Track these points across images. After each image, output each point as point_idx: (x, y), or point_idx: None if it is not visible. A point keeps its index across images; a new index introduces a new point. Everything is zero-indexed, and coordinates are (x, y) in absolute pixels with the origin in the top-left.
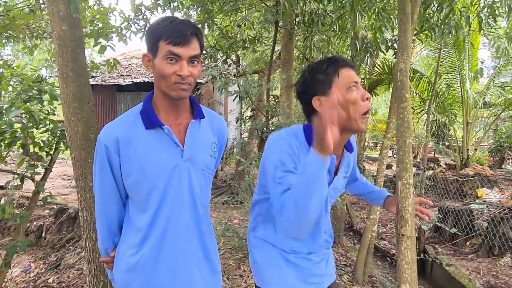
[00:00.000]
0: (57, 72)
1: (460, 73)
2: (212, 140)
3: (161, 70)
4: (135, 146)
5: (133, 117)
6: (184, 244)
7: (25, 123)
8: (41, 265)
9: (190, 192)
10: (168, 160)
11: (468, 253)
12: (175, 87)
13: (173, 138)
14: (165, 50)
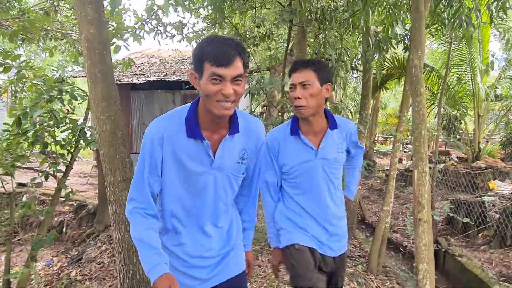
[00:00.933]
0: (85, 73)
1: (471, 66)
2: (242, 147)
3: (206, 90)
4: (175, 149)
5: (178, 120)
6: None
7: (47, 122)
8: (63, 259)
9: (214, 192)
10: (199, 167)
11: (481, 245)
12: (218, 105)
13: (209, 152)
14: (210, 71)
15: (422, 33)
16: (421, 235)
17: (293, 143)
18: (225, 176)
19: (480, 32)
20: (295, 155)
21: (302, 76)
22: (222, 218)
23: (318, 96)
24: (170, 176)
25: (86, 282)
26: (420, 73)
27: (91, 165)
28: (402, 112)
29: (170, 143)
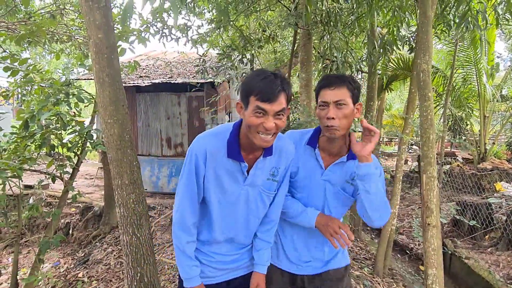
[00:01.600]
0: (93, 77)
1: (476, 66)
2: (274, 165)
3: (249, 121)
4: (215, 166)
5: (221, 141)
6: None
7: (53, 125)
8: (70, 260)
9: (246, 206)
10: (234, 184)
11: (487, 247)
12: (259, 137)
13: (244, 172)
14: (254, 105)
15: (430, 38)
16: (430, 240)
17: (305, 152)
18: (257, 192)
19: (486, 33)
20: (304, 163)
21: (338, 94)
22: (250, 234)
23: (351, 117)
24: (208, 189)
25: (93, 283)
26: (428, 78)
27: (96, 167)
28: (408, 114)
29: (212, 160)
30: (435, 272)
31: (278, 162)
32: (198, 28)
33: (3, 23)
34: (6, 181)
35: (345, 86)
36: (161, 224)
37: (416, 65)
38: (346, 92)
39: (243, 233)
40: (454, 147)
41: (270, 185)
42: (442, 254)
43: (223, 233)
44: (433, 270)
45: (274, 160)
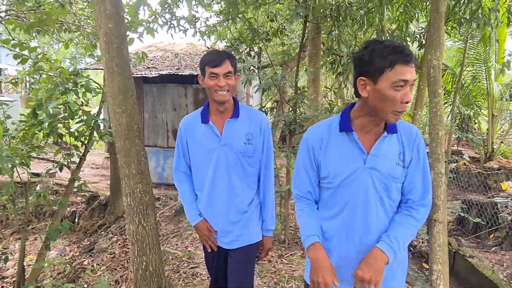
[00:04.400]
0: (103, 66)
1: (486, 65)
2: (247, 131)
3: (207, 84)
4: (195, 133)
5: (197, 114)
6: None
7: (62, 114)
8: (75, 248)
9: (226, 166)
10: (211, 144)
11: (492, 246)
12: (216, 94)
13: (215, 130)
14: (208, 72)
15: (442, 34)
16: (436, 236)
17: (343, 141)
18: (234, 154)
19: (497, 30)
20: (342, 156)
21: (414, 73)
22: (240, 194)
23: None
24: (193, 154)
25: (98, 272)
26: (439, 74)
27: (102, 156)
28: (416, 111)
29: (191, 130)
30: (440, 268)
31: (250, 127)
32: (206, 20)
33: (13, 11)
34: (16, 167)
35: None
36: (165, 215)
37: (427, 61)
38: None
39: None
40: (461, 146)
41: (246, 148)
42: (447, 251)
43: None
44: (438, 266)
45: (247, 126)
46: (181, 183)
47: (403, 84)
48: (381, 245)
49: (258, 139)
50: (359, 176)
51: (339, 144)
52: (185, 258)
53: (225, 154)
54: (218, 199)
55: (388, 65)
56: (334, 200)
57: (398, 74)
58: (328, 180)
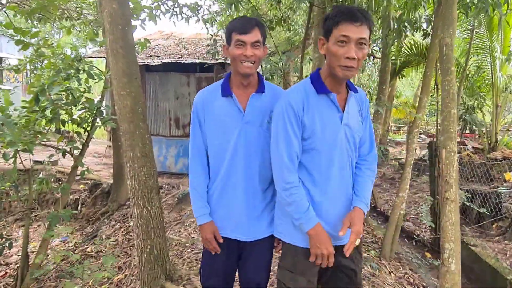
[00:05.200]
0: (107, 48)
1: (492, 54)
2: (270, 109)
3: (233, 53)
4: (213, 107)
5: (216, 87)
6: (238, 185)
7: (64, 101)
8: (78, 236)
9: (246, 146)
10: (232, 121)
11: (495, 235)
12: (242, 66)
13: (238, 105)
14: (235, 39)
15: (454, 10)
16: (448, 214)
17: (320, 102)
18: (257, 133)
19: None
20: (321, 116)
21: (363, 32)
22: (258, 178)
23: (364, 58)
24: (210, 133)
25: (101, 259)
26: (451, 52)
27: (105, 145)
28: (422, 94)
29: (208, 104)
30: (452, 246)
31: (272, 106)
32: (209, 7)
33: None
34: (18, 152)
35: (368, 23)
36: (168, 203)
37: (439, 39)
38: (367, 30)
39: (244, 179)
40: (464, 138)
41: (267, 127)
42: (459, 229)
43: (225, 179)
44: (451, 245)
45: (272, 104)
46: (197, 175)
47: (345, 40)
48: (360, 205)
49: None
50: (339, 134)
51: (319, 104)
52: (189, 244)
53: (246, 132)
54: (236, 185)
55: (333, 24)
56: (314, 163)
57: (340, 31)
58: (312, 139)
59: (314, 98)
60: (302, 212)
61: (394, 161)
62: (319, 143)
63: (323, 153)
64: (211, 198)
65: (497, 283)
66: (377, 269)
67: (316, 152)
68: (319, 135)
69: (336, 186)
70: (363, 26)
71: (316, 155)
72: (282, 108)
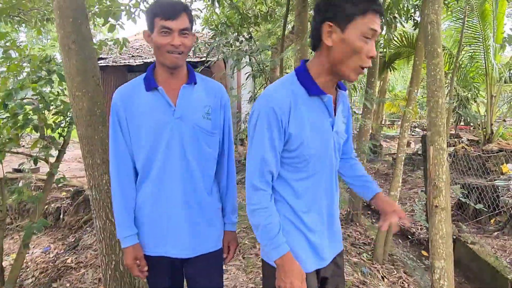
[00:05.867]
0: (58, 45)
1: (484, 43)
2: (206, 103)
3: (157, 42)
4: (137, 105)
5: (138, 82)
6: (175, 191)
7: (36, 105)
8: (60, 246)
9: (181, 146)
10: (161, 117)
11: (493, 231)
12: (168, 56)
13: (166, 98)
14: (159, 25)
15: None
16: (437, 226)
17: (312, 107)
18: (191, 129)
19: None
20: (314, 124)
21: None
22: (201, 181)
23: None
24: (136, 135)
25: (81, 270)
26: (438, 31)
27: None
28: (412, 87)
29: (131, 101)
30: (444, 264)
31: (209, 100)
32: (191, 4)
33: None
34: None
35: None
36: None
37: (424, 17)
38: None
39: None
40: (459, 130)
41: (206, 123)
42: (452, 243)
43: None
44: (441, 263)
45: (205, 98)
46: (123, 188)
47: (372, 35)
48: (379, 190)
49: (218, 115)
50: (329, 143)
51: (309, 109)
52: None
53: (179, 129)
54: (173, 192)
55: (360, 12)
56: (298, 175)
57: (369, 23)
58: (299, 151)
59: (303, 101)
60: (270, 238)
61: (387, 157)
62: (307, 155)
63: (310, 165)
64: (140, 211)
65: (497, 283)
66: (368, 275)
67: (301, 164)
68: (308, 146)
69: (322, 196)
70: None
71: (301, 167)
72: (262, 113)
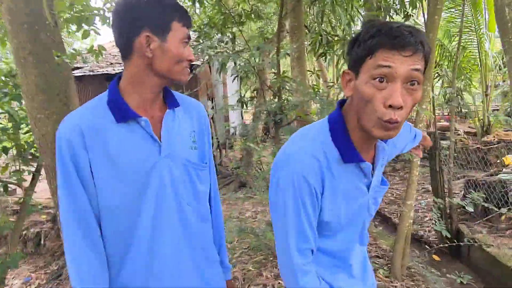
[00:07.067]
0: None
1: (477, 33)
2: (191, 129)
3: (178, 53)
4: (105, 141)
5: (99, 107)
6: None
7: (4, 125)
8: (42, 275)
9: (174, 192)
10: (146, 159)
11: (505, 229)
12: (182, 72)
13: (150, 132)
14: (182, 32)
15: None
16: None
17: (347, 174)
18: (181, 167)
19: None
20: (349, 194)
21: (416, 63)
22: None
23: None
24: (107, 186)
25: None
26: None
27: None
28: (424, 85)
29: (96, 135)
30: None
31: (192, 124)
32: None
33: None
34: None
35: (423, 52)
36: None
37: None
38: (423, 62)
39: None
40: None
41: (195, 155)
42: None
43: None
44: None
45: (188, 122)
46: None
47: (387, 76)
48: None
49: (203, 140)
50: (365, 210)
51: (345, 177)
52: None
53: (170, 172)
54: (167, 258)
55: (367, 52)
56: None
57: (378, 61)
58: (333, 225)
59: (338, 168)
60: None
61: None
62: (339, 228)
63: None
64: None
65: None
66: None
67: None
68: (343, 220)
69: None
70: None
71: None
72: (290, 182)
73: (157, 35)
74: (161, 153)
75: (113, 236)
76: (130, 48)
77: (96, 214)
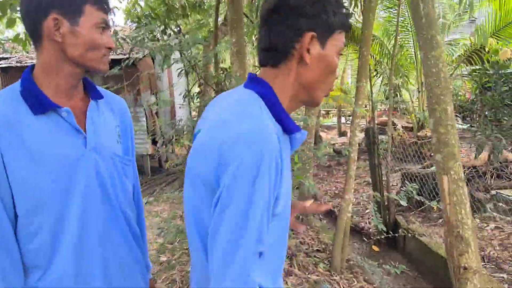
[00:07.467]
0: None
1: (412, 32)
2: (115, 123)
3: (93, 39)
4: (21, 136)
5: (10, 100)
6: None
7: None
8: None
9: (101, 187)
10: (69, 152)
11: (437, 218)
12: (101, 60)
13: (74, 124)
14: (96, 16)
15: None
16: None
17: (287, 150)
18: (108, 160)
19: None
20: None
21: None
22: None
23: None
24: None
25: None
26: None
27: None
28: (360, 82)
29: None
30: None
31: (115, 118)
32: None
33: None
34: None
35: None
36: None
37: None
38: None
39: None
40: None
41: (120, 149)
42: None
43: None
44: None
45: (112, 117)
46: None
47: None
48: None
49: (127, 135)
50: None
51: (287, 154)
52: None
53: (96, 166)
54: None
55: (340, 26)
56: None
57: (343, 38)
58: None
59: (283, 143)
60: None
61: (327, 148)
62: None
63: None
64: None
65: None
66: None
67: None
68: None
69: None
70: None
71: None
72: (256, 164)
73: (67, 18)
74: (87, 145)
75: (37, 236)
76: (39, 33)
77: (10, 217)
